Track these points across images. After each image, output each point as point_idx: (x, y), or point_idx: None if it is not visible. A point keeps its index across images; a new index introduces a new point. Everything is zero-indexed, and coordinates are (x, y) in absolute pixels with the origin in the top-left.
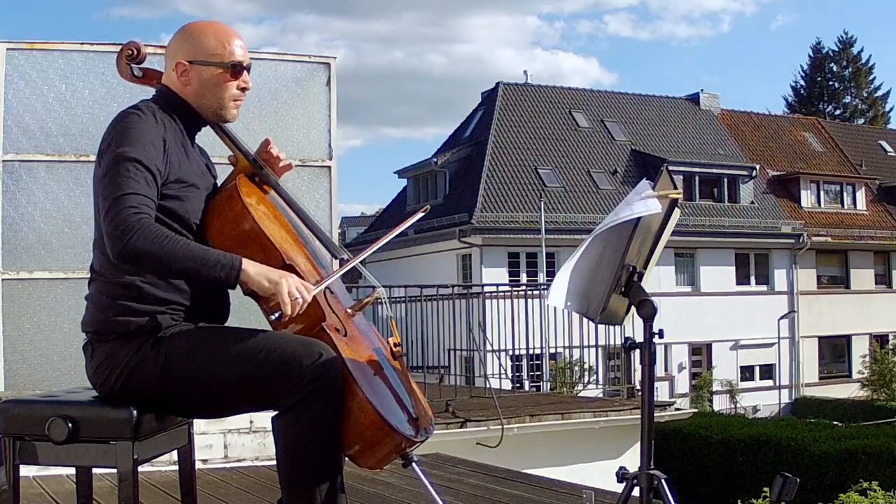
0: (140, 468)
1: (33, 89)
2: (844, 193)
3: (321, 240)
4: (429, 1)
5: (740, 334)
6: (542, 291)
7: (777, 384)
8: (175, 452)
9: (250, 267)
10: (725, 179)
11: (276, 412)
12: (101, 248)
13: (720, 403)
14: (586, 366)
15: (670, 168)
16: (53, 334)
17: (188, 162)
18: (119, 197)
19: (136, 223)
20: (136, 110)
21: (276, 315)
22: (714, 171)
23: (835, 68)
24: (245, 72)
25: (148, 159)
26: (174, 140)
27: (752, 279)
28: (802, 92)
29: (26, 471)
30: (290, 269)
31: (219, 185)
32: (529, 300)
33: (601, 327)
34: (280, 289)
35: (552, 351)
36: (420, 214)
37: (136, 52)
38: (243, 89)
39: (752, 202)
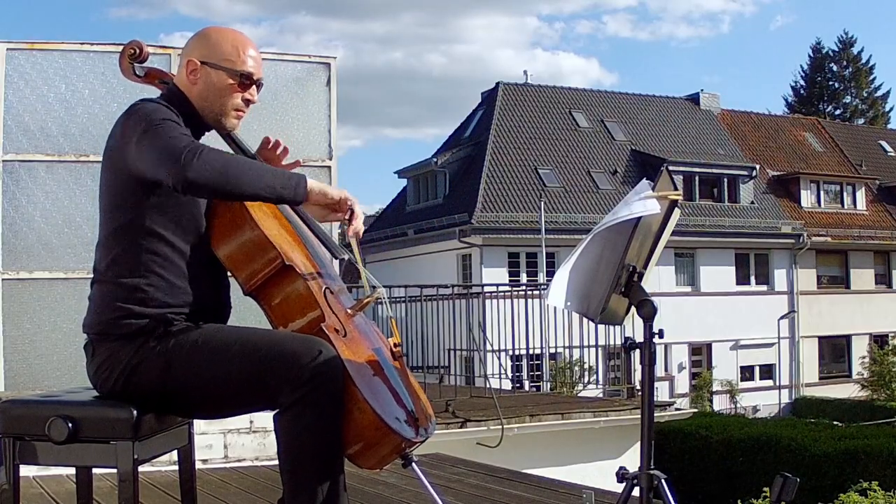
0: (140, 468)
1: (33, 89)
2: (844, 193)
3: (321, 239)
4: (427, 2)
5: (740, 334)
6: (542, 291)
7: (777, 384)
8: (175, 452)
9: (311, 181)
10: (725, 179)
11: (277, 411)
12: (104, 247)
13: (720, 403)
14: (586, 366)
15: (670, 168)
16: (53, 334)
17: None
18: (170, 138)
19: (196, 147)
20: (143, 102)
21: (346, 221)
22: (714, 171)
23: (835, 68)
24: (254, 86)
25: (176, 122)
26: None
27: (752, 279)
28: (802, 92)
29: (26, 471)
30: (290, 269)
31: None
32: (529, 300)
33: (601, 327)
34: (343, 197)
35: (552, 351)
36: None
37: (138, 51)
38: (248, 102)
39: (752, 202)
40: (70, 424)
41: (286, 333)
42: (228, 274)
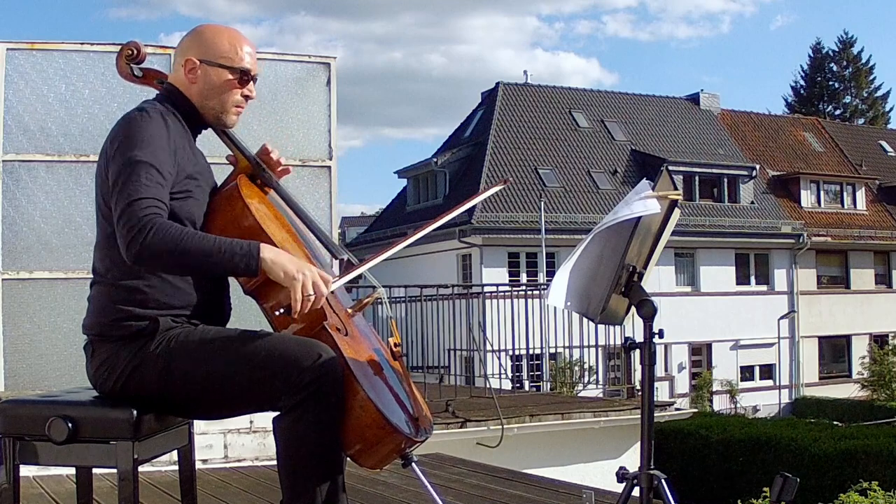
0: (140, 468)
1: (33, 89)
2: (844, 193)
3: (321, 239)
4: (426, 2)
5: (740, 334)
6: (542, 291)
7: (777, 384)
8: (175, 452)
9: (268, 254)
10: (725, 179)
11: (277, 413)
12: (102, 249)
13: (720, 403)
14: (586, 366)
15: (670, 168)
16: (53, 334)
17: (193, 161)
18: (132, 201)
19: (148, 223)
20: (142, 112)
21: (283, 310)
22: (714, 171)
23: (835, 68)
24: (252, 81)
25: (159, 162)
26: (179, 139)
27: (752, 279)
28: (802, 92)
29: (26, 471)
30: None
31: (218, 185)
32: (529, 300)
33: (601, 327)
34: (295, 286)
35: (552, 351)
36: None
37: (135, 51)
38: (246, 97)
39: (752, 202)
40: (70, 424)
41: (286, 336)
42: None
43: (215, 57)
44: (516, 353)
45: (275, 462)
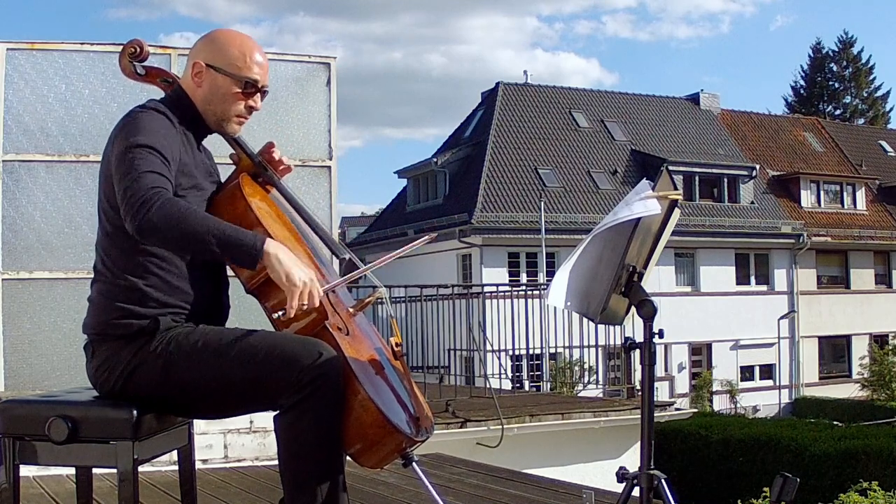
0: (140, 468)
1: (33, 89)
2: (844, 193)
3: (322, 238)
4: (425, 2)
5: (740, 334)
6: (542, 291)
7: (777, 384)
8: (175, 452)
9: (272, 248)
10: (725, 179)
11: (278, 412)
12: (103, 248)
13: (720, 403)
14: (586, 366)
15: (670, 168)
16: (53, 334)
17: (194, 163)
18: (137, 176)
19: (154, 195)
20: (145, 109)
21: (280, 314)
22: (714, 171)
23: (835, 68)
24: (259, 93)
25: (160, 146)
26: (182, 140)
27: (752, 279)
28: (802, 92)
29: (26, 471)
30: None
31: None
32: (529, 300)
33: (601, 327)
34: (293, 292)
35: (552, 351)
36: (425, 239)
37: (138, 50)
38: (251, 109)
39: (752, 202)
40: (70, 424)
41: (286, 335)
42: (229, 273)
43: (223, 63)
44: (516, 353)
45: (275, 462)
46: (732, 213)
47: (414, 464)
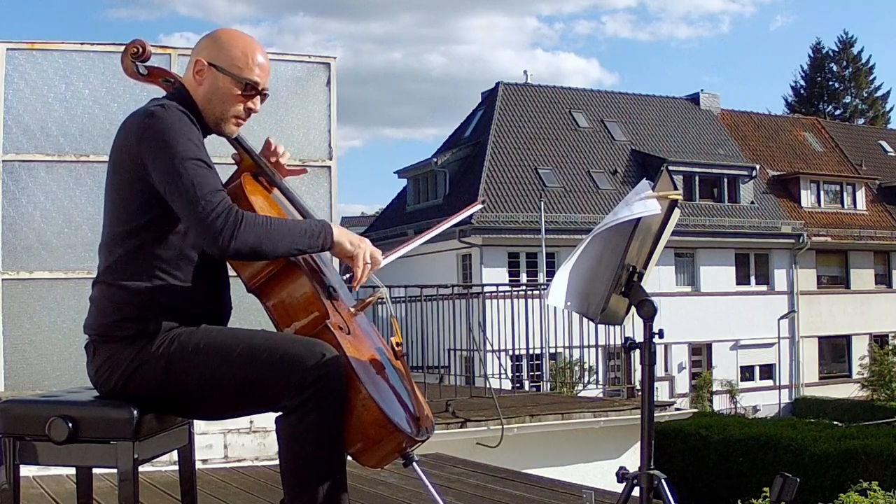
0: (140, 468)
1: (33, 89)
2: (844, 193)
3: None
4: (425, 2)
5: (740, 334)
6: (542, 291)
7: (777, 384)
8: (175, 452)
9: (335, 229)
10: (725, 179)
11: (279, 413)
12: (108, 249)
13: (720, 403)
14: (586, 366)
15: (670, 168)
16: (53, 334)
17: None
18: (205, 195)
19: (235, 214)
20: (167, 108)
21: (348, 276)
22: (714, 171)
23: (835, 68)
24: (259, 96)
25: (205, 156)
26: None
27: (752, 279)
28: (802, 92)
29: (26, 471)
30: (293, 267)
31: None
32: (529, 300)
33: (601, 327)
34: (358, 252)
35: (552, 351)
36: (474, 208)
37: (141, 49)
38: (249, 111)
39: (752, 202)
40: (70, 424)
41: (288, 336)
42: (230, 273)
43: (224, 63)
44: (516, 353)
45: (275, 462)
46: (732, 213)
47: (414, 463)
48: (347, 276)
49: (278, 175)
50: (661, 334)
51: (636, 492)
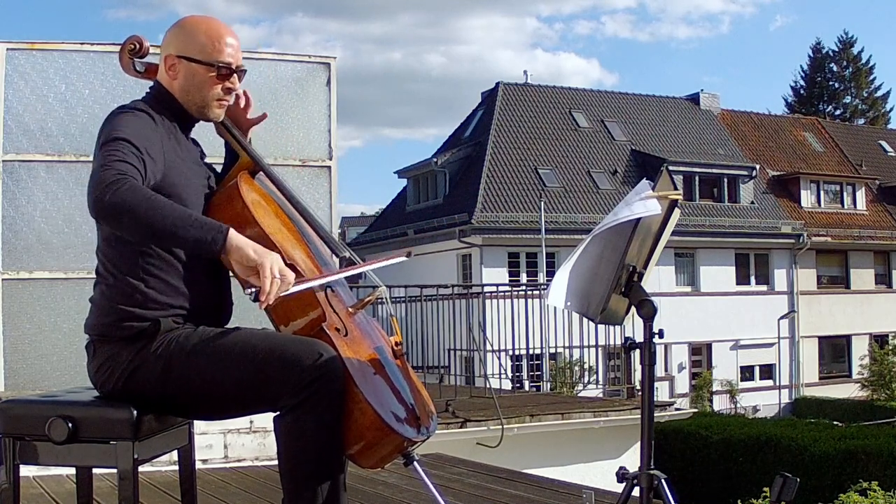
0: (140, 468)
1: (33, 89)
2: (844, 193)
3: (322, 237)
4: (424, 3)
5: (740, 334)
6: (542, 291)
7: (777, 384)
8: (175, 452)
9: (238, 236)
10: (725, 179)
11: (278, 413)
12: (104, 250)
13: (720, 403)
14: (586, 366)
15: (670, 168)
16: (53, 334)
17: (181, 159)
18: (105, 164)
19: (119, 179)
20: (126, 109)
21: (252, 290)
22: (714, 171)
23: (835, 68)
24: (234, 74)
25: (136, 139)
26: (168, 137)
27: (752, 279)
28: (802, 92)
29: (26, 471)
30: (291, 267)
31: (215, 180)
32: (529, 300)
33: (601, 327)
34: (264, 261)
35: (552, 351)
36: (402, 258)
37: (138, 46)
38: (229, 91)
39: (752, 202)
40: (70, 424)
41: (287, 336)
42: (230, 273)
43: (192, 52)
44: (516, 353)
45: (275, 462)
46: (732, 213)
47: (415, 463)
48: (252, 289)
49: (276, 174)
50: (661, 334)
51: (636, 492)
